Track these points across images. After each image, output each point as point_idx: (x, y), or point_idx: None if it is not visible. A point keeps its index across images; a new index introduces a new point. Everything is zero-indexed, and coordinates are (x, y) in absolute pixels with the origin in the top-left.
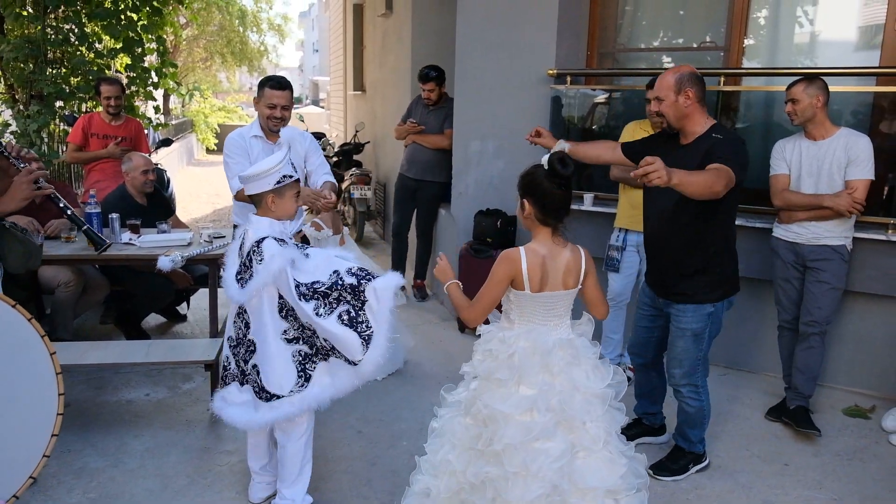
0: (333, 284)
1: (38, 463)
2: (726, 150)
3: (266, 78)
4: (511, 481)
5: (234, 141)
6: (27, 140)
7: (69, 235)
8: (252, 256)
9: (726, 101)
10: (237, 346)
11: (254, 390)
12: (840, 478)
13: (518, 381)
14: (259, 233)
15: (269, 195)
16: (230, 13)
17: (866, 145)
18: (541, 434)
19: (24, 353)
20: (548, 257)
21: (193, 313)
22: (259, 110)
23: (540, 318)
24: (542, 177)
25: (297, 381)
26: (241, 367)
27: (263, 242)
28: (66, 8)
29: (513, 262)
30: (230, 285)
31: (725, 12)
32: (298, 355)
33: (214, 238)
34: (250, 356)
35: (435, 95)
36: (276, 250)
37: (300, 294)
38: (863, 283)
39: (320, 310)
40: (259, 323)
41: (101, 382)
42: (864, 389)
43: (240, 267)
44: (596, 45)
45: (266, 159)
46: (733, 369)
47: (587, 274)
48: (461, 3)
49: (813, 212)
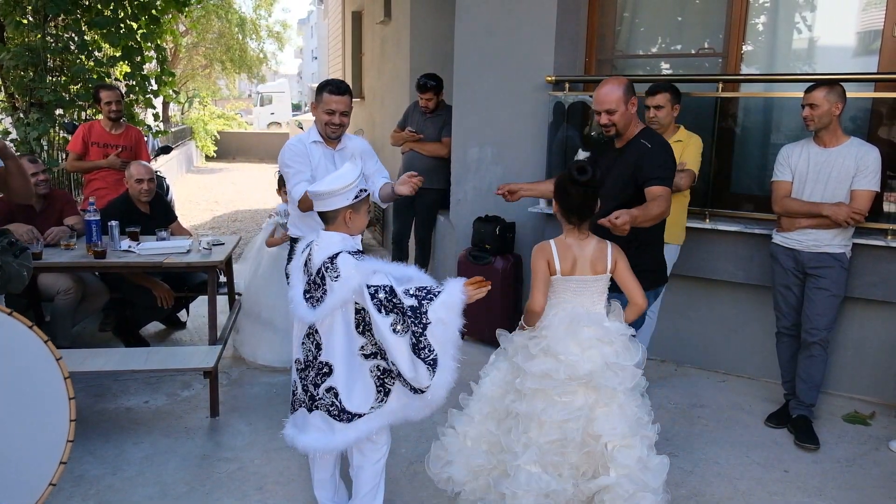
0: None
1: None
2: (656, 165)
3: (324, 82)
4: (534, 420)
5: (294, 148)
6: (27, 148)
7: (69, 243)
8: (325, 273)
9: (724, 108)
10: (306, 370)
11: (329, 414)
12: (840, 484)
13: (546, 350)
14: (330, 248)
15: (346, 211)
16: (229, 21)
17: (876, 157)
18: (560, 389)
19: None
20: (574, 246)
21: (193, 320)
22: (317, 116)
23: (572, 300)
24: (566, 181)
25: (377, 396)
26: (310, 391)
27: (338, 258)
28: (66, 16)
29: (544, 250)
30: (299, 305)
31: (724, 18)
32: (377, 370)
33: (214, 245)
34: (322, 379)
35: (433, 104)
36: (353, 265)
37: (379, 305)
38: (862, 290)
39: (398, 326)
40: (332, 343)
41: (101, 390)
42: (864, 396)
43: (308, 285)
44: (594, 52)
45: (341, 175)
46: (733, 375)
47: (616, 262)
48: (459, 11)
49: (813, 219)
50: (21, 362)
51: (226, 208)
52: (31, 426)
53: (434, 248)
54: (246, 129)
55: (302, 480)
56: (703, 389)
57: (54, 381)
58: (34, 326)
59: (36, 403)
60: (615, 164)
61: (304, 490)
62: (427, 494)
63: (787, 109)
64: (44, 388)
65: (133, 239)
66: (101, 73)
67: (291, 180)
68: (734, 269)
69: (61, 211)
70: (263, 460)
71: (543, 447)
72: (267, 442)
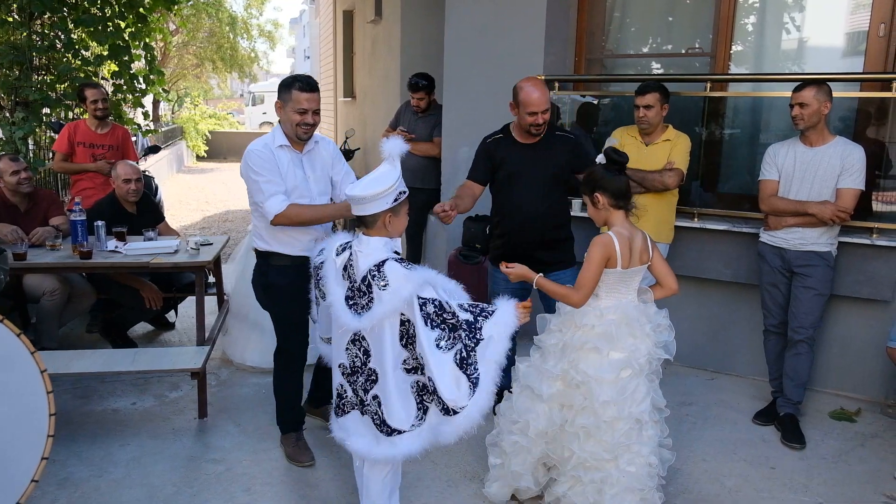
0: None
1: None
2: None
3: (291, 78)
4: (604, 427)
5: (260, 155)
6: (12, 147)
7: (54, 243)
8: (371, 281)
9: (713, 107)
10: (354, 375)
11: (374, 422)
12: (825, 480)
13: (610, 349)
14: (376, 255)
15: (386, 214)
16: (220, 19)
17: (861, 156)
18: (631, 387)
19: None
20: (630, 237)
21: (181, 321)
22: (285, 117)
23: (623, 292)
24: (603, 171)
25: (417, 413)
26: (360, 396)
27: (385, 266)
28: (53, 14)
29: (607, 245)
30: (342, 312)
31: (712, 19)
32: (417, 386)
33: (202, 245)
34: (371, 386)
35: (424, 104)
36: (403, 275)
37: (426, 317)
38: (848, 287)
39: (442, 342)
40: (381, 351)
41: (87, 392)
42: (850, 393)
43: (350, 291)
44: (584, 52)
45: (380, 177)
46: (721, 373)
47: (654, 250)
48: (449, 11)
49: (799, 218)
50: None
51: (216, 208)
52: (10, 422)
53: (425, 247)
54: (237, 128)
55: (290, 482)
56: (692, 387)
57: (31, 376)
58: (5, 320)
59: (13, 399)
60: (540, 159)
61: (291, 491)
62: (415, 495)
63: (775, 109)
64: (21, 384)
65: (120, 239)
66: (87, 72)
67: (264, 191)
68: (722, 268)
69: (47, 211)
70: (251, 461)
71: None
72: (255, 443)
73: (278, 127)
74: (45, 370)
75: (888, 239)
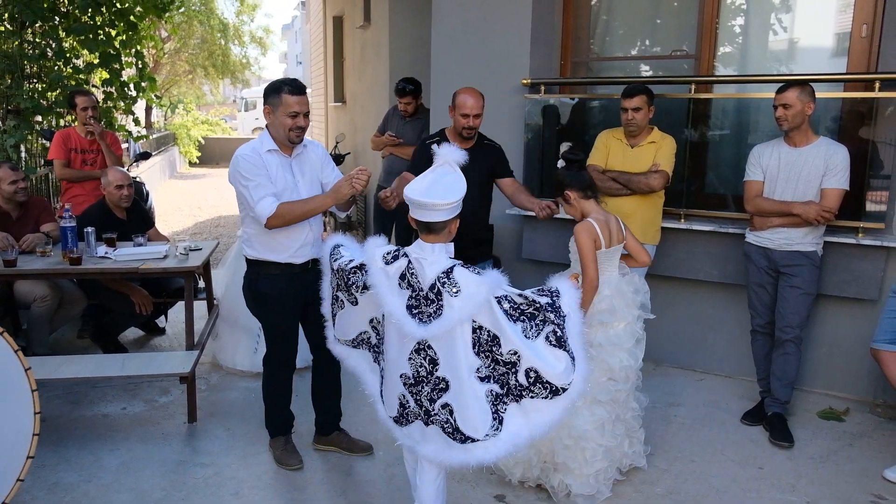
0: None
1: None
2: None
3: (279, 82)
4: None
5: (251, 159)
6: (4, 155)
7: (44, 249)
8: (442, 288)
9: (697, 109)
10: (418, 385)
11: (444, 430)
12: (813, 480)
13: (613, 321)
14: (442, 262)
15: (454, 221)
16: (212, 26)
17: (844, 156)
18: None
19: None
20: (605, 221)
21: (172, 326)
22: (275, 121)
23: (609, 269)
24: (565, 172)
25: (492, 423)
26: (425, 406)
27: (454, 272)
28: (44, 23)
29: (590, 230)
30: (405, 321)
31: (695, 21)
32: (490, 395)
33: (191, 250)
34: (439, 395)
35: (411, 108)
36: (476, 280)
37: (507, 314)
38: (835, 287)
39: (528, 332)
40: (453, 359)
41: (78, 397)
42: (838, 392)
43: (413, 300)
44: (569, 55)
45: (454, 185)
46: (710, 374)
47: (626, 230)
48: (436, 15)
49: (784, 218)
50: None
51: (208, 214)
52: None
53: None
54: (230, 134)
55: (278, 485)
56: (680, 388)
57: (14, 374)
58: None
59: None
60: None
61: (279, 495)
62: (403, 498)
63: (760, 110)
64: (4, 382)
65: (109, 245)
66: (79, 80)
67: (254, 195)
68: (710, 269)
69: (38, 218)
70: (240, 465)
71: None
72: (244, 447)
73: (266, 133)
74: (29, 368)
75: (874, 238)
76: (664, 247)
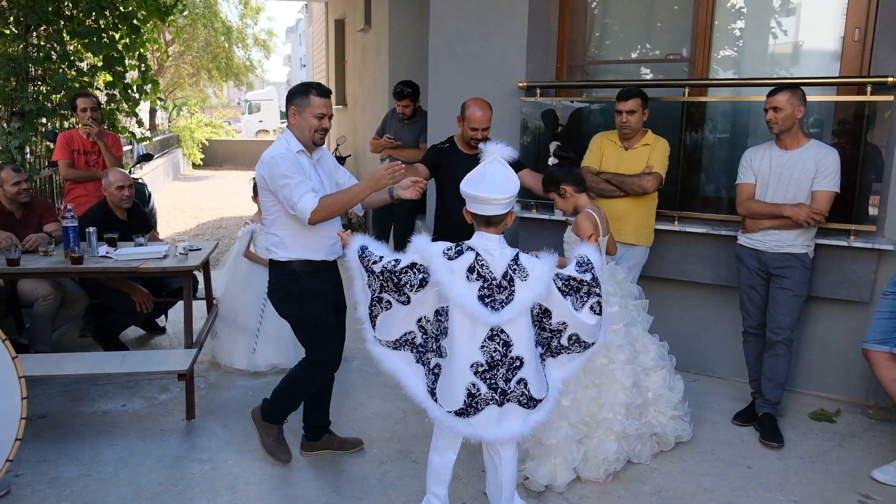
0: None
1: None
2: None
3: (307, 84)
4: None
5: (287, 158)
6: (8, 156)
7: (47, 249)
8: (513, 275)
9: (691, 112)
10: (493, 370)
11: (520, 403)
12: (801, 480)
13: (607, 306)
14: (507, 251)
15: (510, 214)
16: (215, 29)
17: (835, 159)
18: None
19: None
20: (599, 212)
21: (173, 325)
22: (301, 123)
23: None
24: (559, 169)
25: (544, 380)
26: (501, 387)
27: (521, 259)
28: (48, 27)
29: (591, 218)
30: (479, 310)
31: (690, 25)
32: (537, 357)
33: (190, 250)
34: (514, 373)
35: (410, 111)
36: (538, 262)
37: (561, 290)
38: (826, 289)
39: (576, 304)
40: (524, 337)
41: (79, 394)
42: (830, 393)
43: (485, 290)
44: (565, 58)
45: (510, 179)
46: (703, 375)
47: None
48: (433, 18)
49: (775, 220)
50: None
51: (210, 215)
52: None
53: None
54: (234, 136)
55: (273, 481)
56: None
57: (3, 362)
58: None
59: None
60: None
61: (274, 490)
62: (396, 494)
63: (753, 113)
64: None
65: (111, 245)
66: (82, 83)
67: (295, 192)
68: (702, 271)
69: (41, 218)
70: (237, 461)
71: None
72: (241, 443)
73: (289, 134)
74: (17, 356)
75: (866, 241)
76: (658, 249)
